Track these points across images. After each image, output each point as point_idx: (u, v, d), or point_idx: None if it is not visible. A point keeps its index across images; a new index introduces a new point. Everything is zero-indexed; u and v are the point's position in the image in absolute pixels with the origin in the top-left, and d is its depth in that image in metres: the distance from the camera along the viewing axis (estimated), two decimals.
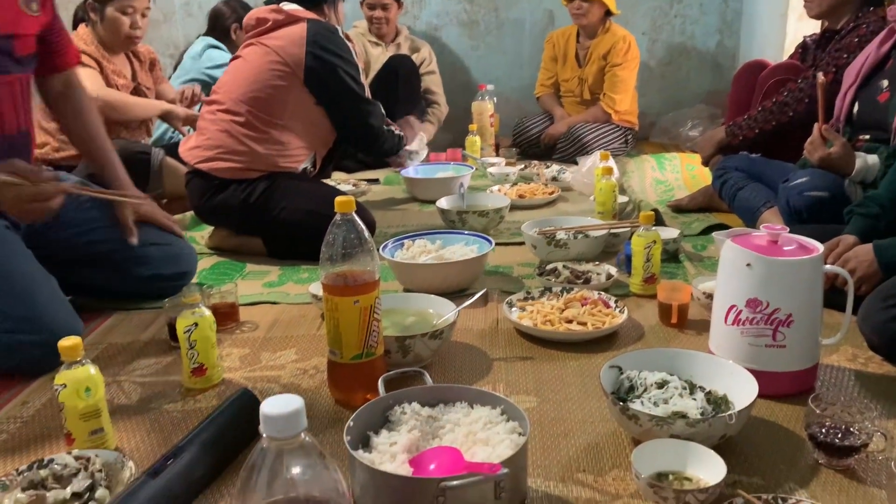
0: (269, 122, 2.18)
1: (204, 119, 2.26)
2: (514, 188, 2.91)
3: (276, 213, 2.17)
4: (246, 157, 2.17)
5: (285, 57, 2.16)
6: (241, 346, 1.61)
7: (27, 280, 1.51)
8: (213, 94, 2.30)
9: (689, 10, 4.05)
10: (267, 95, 2.17)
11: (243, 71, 2.22)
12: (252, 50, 2.23)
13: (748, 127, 2.42)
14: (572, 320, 1.59)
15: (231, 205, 2.17)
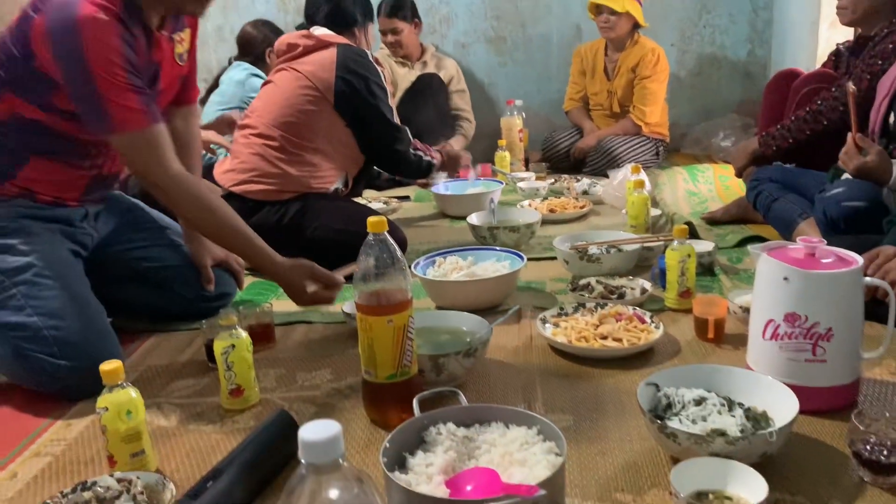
0: (301, 145, 2.22)
1: (238, 143, 2.31)
2: (544, 203, 2.90)
3: (309, 232, 2.20)
4: (279, 179, 2.21)
5: (316, 82, 2.20)
6: (277, 366, 1.63)
7: (77, 308, 1.55)
8: (245, 118, 2.35)
9: (719, 20, 4.02)
10: (298, 119, 2.21)
11: (275, 96, 2.26)
12: (283, 75, 2.28)
13: (781, 137, 2.39)
14: (607, 336, 1.58)
15: (265, 226, 2.19)
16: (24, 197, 1.62)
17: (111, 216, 1.86)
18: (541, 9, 4.04)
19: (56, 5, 1.46)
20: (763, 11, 4.00)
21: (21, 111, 1.56)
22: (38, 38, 1.47)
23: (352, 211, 2.27)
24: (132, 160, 1.59)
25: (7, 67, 1.53)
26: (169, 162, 1.57)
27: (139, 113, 1.51)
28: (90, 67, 1.45)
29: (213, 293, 1.92)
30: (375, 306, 1.26)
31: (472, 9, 4.05)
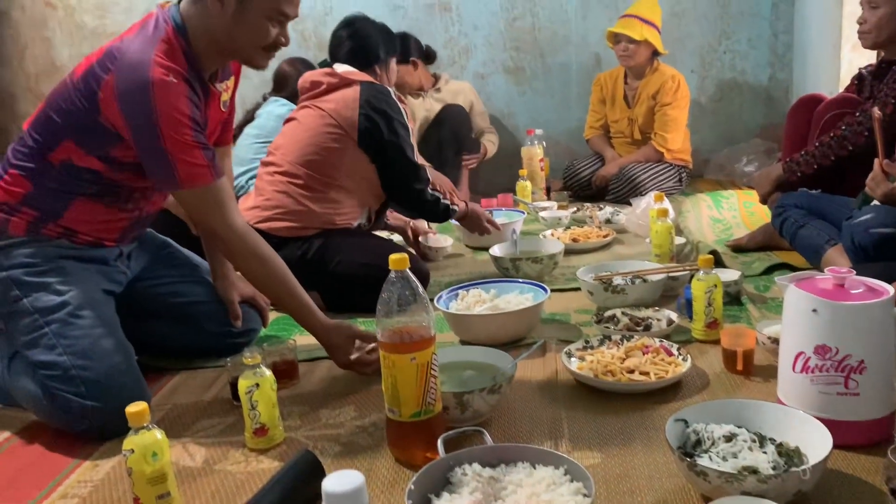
0: (325, 183, 2.25)
1: (262, 179, 2.33)
2: (567, 232, 2.89)
3: (332, 267, 2.21)
4: (303, 216, 2.23)
5: (339, 119, 2.23)
6: (301, 404, 1.63)
7: (107, 348, 1.57)
8: (269, 155, 2.37)
9: (738, 45, 4.02)
10: (322, 157, 2.24)
11: (298, 133, 2.29)
12: (307, 112, 2.31)
13: (806, 163, 2.37)
14: (634, 370, 1.56)
15: (289, 261, 2.20)
16: (65, 237, 1.65)
17: (143, 253, 1.88)
18: (559, 39, 4.06)
19: (127, 66, 1.50)
20: (783, 35, 3.98)
21: (75, 158, 1.60)
22: (107, 96, 1.51)
23: (374, 245, 2.28)
24: (197, 213, 1.65)
25: (69, 116, 1.57)
26: (232, 216, 1.63)
27: (205, 168, 1.56)
28: (160, 128, 1.50)
29: (239, 329, 1.93)
30: (398, 344, 1.26)
31: (490, 40, 4.09)
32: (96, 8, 4.11)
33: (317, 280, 2.24)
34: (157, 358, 1.90)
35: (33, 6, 4.12)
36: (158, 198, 1.80)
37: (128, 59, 1.51)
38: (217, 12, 1.58)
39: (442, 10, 4.04)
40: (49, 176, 1.60)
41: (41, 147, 1.60)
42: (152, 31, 1.55)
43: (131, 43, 1.53)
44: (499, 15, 4.04)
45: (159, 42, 1.53)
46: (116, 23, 4.10)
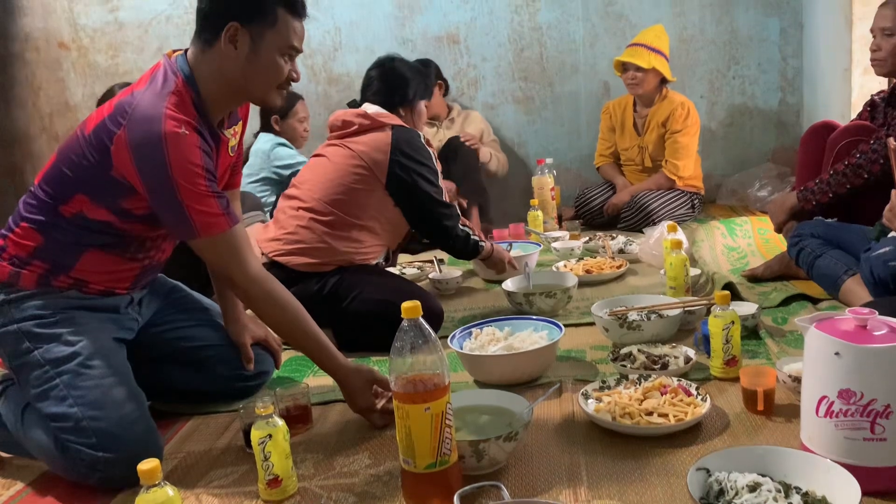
0: (350, 223, 2.26)
1: (284, 213, 2.34)
2: (580, 263, 2.87)
3: (346, 303, 2.20)
4: (323, 253, 2.23)
5: (369, 162, 2.25)
6: (314, 451, 1.60)
7: (118, 398, 1.55)
8: (292, 188, 2.39)
9: (747, 70, 4.01)
10: (349, 198, 2.25)
11: (326, 170, 2.30)
12: (336, 150, 2.32)
13: (821, 191, 2.34)
14: (653, 412, 1.53)
15: (304, 297, 2.19)
16: (76, 288, 1.64)
17: (154, 299, 1.88)
18: (567, 68, 4.07)
19: (139, 120, 1.51)
20: (792, 59, 3.98)
21: (87, 211, 1.60)
22: (120, 150, 1.52)
23: (389, 283, 2.27)
24: (214, 261, 1.64)
25: (81, 170, 1.58)
26: (249, 262, 1.62)
27: (220, 217, 1.56)
28: (174, 179, 1.50)
29: (251, 372, 1.92)
30: (412, 394, 1.24)
31: (499, 71, 4.10)
32: (109, 48, 4.16)
33: (331, 316, 2.23)
34: (169, 403, 1.89)
35: (48, 47, 4.18)
36: (169, 246, 1.80)
37: (139, 113, 1.51)
38: (232, 55, 1.59)
39: (451, 43, 4.06)
40: (60, 229, 1.61)
41: (53, 200, 1.60)
42: (161, 84, 1.56)
43: (142, 97, 1.54)
44: (507, 46, 4.07)
45: (169, 95, 1.54)
46: (128, 62, 4.15)
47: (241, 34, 1.58)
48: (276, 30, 1.61)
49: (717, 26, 3.97)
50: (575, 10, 4.00)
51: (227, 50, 1.58)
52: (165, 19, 4.09)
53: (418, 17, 4.06)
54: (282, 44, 1.62)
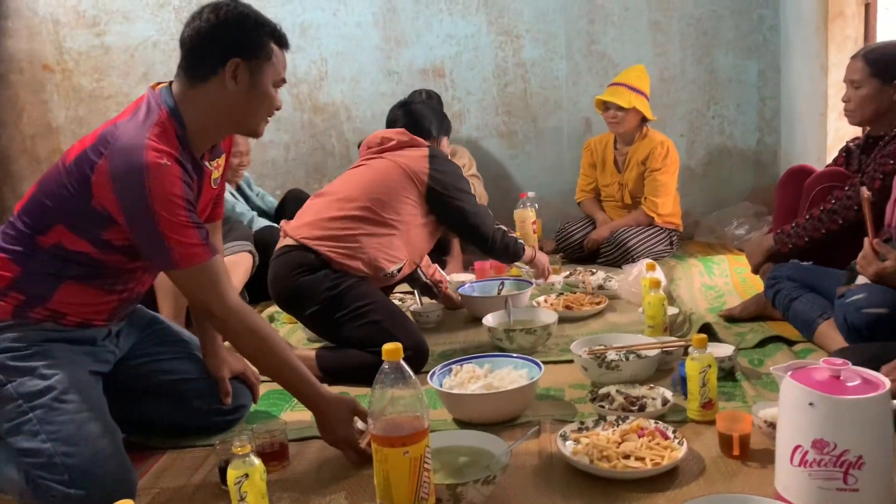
0: (382, 221, 2.36)
1: (315, 206, 2.43)
2: (560, 298, 2.89)
3: (344, 313, 2.23)
4: (353, 246, 2.30)
5: (410, 172, 2.42)
6: (291, 489, 1.59)
7: (93, 432, 1.53)
8: (325, 189, 2.51)
9: (726, 110, 4.09)
10: (387, 199, 2.37)
11: (366, 174, 2.45)
12: (376, 161, 2.47)
13: (797, 235, 2.39)
14: (630, 455, 1.54)
15: (314, 288, 2.25)
16: (52, 320, 1.63)
17: (132, 331, 1.87)
18: (550, 104, 4.13)
19: (121, 150, 1.51)
20: (770, 101, 4.06)
21: (66, 242, 1.59)
22: (100, 180, 1.52)
23: (394, 311, 2.30)
24: (193, 292, 1.63)
25: (61, 201, 1.57)
26: (227, 294, 1.62)
27: (200, 248, 1.56)
28: (154, 210, 1.50)
29: (228, 406, 1.91)
30: (391, 437, 1.24)
31: (483, 105, 4.15)
32: (94, 71, 4.16)
33: (326, 318, 2.27)
34: (144, 436, 1.87)
35: (31, 69, 4.17)
36: (148, 278, 1.79)
37: (121, 144, 1.52)
38: (233, 89, 1.61)
39: (436, 76, 4.11)
40: (38, 260, 1.60)
41: (31, 231, 1.59)
42: (145, 115, 1.57)
43: (125, 127, 1.55)
44: (491, 81, 4.12)
45: (153, 126, 1.55)
46: (113, 86, 4.15)
47: (240, 69, 1.60)
48: (270, 63, 1.65)
49: (697, 67, 4.05)
50: (558, 49, 4.07)
51: (230, 85, 1.60)
52: (152, 45, 4.10)
53: (404, 50, 4.10)
54: (275, 76, 1.67)
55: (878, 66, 2.28)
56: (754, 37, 3.99)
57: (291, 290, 2.30)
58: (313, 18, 4.08)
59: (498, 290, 2.92)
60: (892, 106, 2.29)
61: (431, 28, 4.07)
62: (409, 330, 2.24)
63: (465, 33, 4.08)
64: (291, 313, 2.49)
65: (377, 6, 4.06)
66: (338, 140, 4.23)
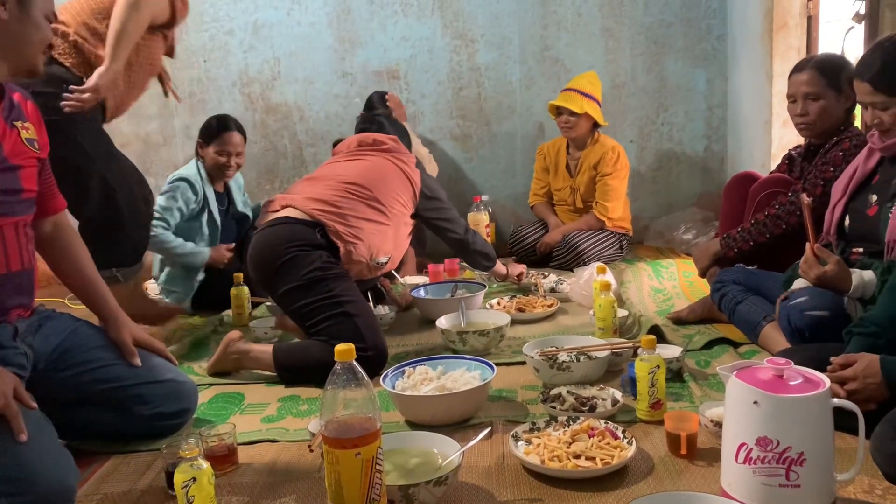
0: (380, 212, 2.46)
1: (310, 186, 2.49)
2: (513, 301, 2.91)
3: (321, 297, 2.22)
4: (357, 230, 2.38)
5: (408, 175, 2.57)
6: (239, 493, 1.56)
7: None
8: (327, 173, 2.56)
9: (675, 117, 4.18)
10: (386, 192, 2.49)
11: (367, 166, 2.55)
12: (375, 157, 2.59)
13: (743, 239, 2.45)
14: (580, 455, 1.55)
15: (304, 265, 2.25)
16: None
17: (50, 335, 1.78)
18: (504, 109, 4.16)
19: None
20: (717, 109, 4.16)
21: None
22: None
23: (369, 319, 2.28)
24: None
25: None
26: None
27: None
28: None
29: (172, 410, 1.86)
30: (343, 439, 1.23)
31: (437, 108, 4.16)
32: None
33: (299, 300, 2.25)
34: (86, 441, 1.81)
35: None
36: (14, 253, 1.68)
37: None
38: (2, 15, 1.60)
39: (391, 78, 4.10)
40: None
41: None
42: None
43: None
44: (446, 84, 4.13)
45: None
46: None
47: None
48: None
49: (647, 74, 4.13)
50: (512, 53, 4.10)
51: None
52: None
53: (359, 51, 4.09)
54: (46, 7, 1.68)
55: (832, 77, 2.32)
56: (703, 46, 4.08)
57: (280, 262, 2.26)
58: (266, 17, 4.04)
59: (451, 293, 2.92)
60: (842, 116, 2.36)
61: (386, 30, 4.07)
62: (376, 332, 2.23)
63: (419, 36, 4.08)
64: (266, 285, 2.40)
65: (331, 6, 4.04)
66: (290, 141, 4.19)
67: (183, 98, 3.97)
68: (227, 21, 3.99)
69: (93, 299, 1.92)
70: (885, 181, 1.96)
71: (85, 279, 1.93)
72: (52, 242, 1.90)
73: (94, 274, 1.94)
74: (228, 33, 4.04)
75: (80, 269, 1.93)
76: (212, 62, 4.08)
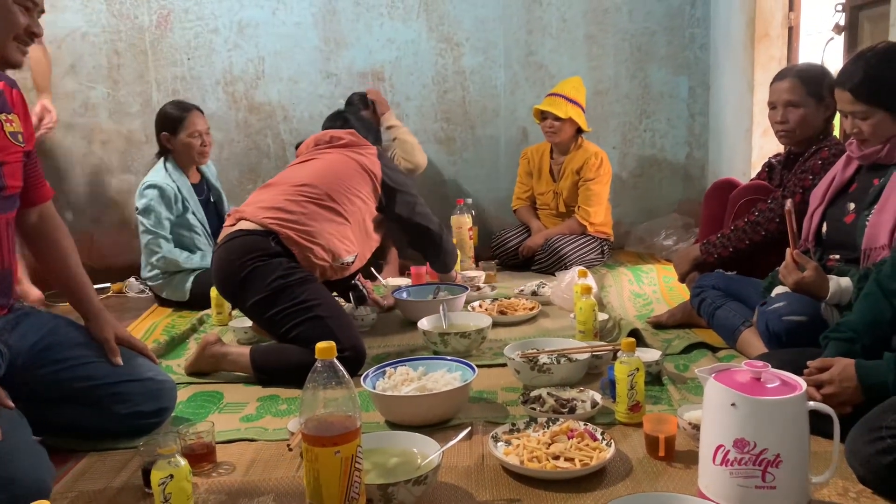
0: (337, 212, 2.42)
1: (266, 194, 2.44)
2: (494, 303, 2.91)
3: (290, 304, 2.21)
4: (313, 232, 2.33)
5: (366, 169, 2.52)
6: (217, 492, 1.55)
7: None
8: (277, 178, 2.53)
9: (658, 124, 4.21)
10: (343, 190, 2.44)
11: (321, 166, 2.50)
12: (330, 155, 2.55)
13: (722, 245, 2.48)
14: (559, 456, 1.56)
15: (266, 276, 2.22)
16: None
17: (28, 332, 1.77)
18: (489, 112, 4.17)
19: None
20: (699, 117, 4.20)
21: None
22: None
23: (342, 318, 2.26)
24: None
25: None
26: None
27: None
28: None
29: (151, 409, 1.84)
30: (323, 436, 1.23)
31: (422, 111, 4.16)
32: None
33: (266, 309, 2.23)
34: (63, 439, 1.79)
35: None
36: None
37: None
38: None
39: (375, 80, 4.10)
40: None
41: None
42: None
43: None
44: (430, 87, 4.13)
45: None
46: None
47: None
48: None
49: (630, 81, 4.16)
50: (497, 58, 4.11)
51: None
52: (81, 36, 3.96)
53: (344, 52, 4.08)
54: None
55: (813, 86, 2.36)
56: (685, 54, 4.12)
57: (241, 277, 2.25)
58: (251, 16, 4.02)
59: (433, 295, 2.92)
60: (822, 125, 2.39)
61: (371, 31, 4.06)
62: (351, 332, 2.23)
63: (405, 38, 4.08)
64: (234, 301, 2.41)
65: (317, 7, 4.03)
66: (273, 140, 4.17)
67: (166, 96, 3.94)
68: (212, 19, 3.97)
69: (77, 296, 1.89)
70: (862, 189, 1.99)
71: (70, 273, 1.89)
72: (37, 233, 1.87)
73: (80, 269, 1.91)
74: (213, 31, 4.01)
75: (66, 261, 1.89)
76: (196, 60, 4.05)
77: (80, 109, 4.05)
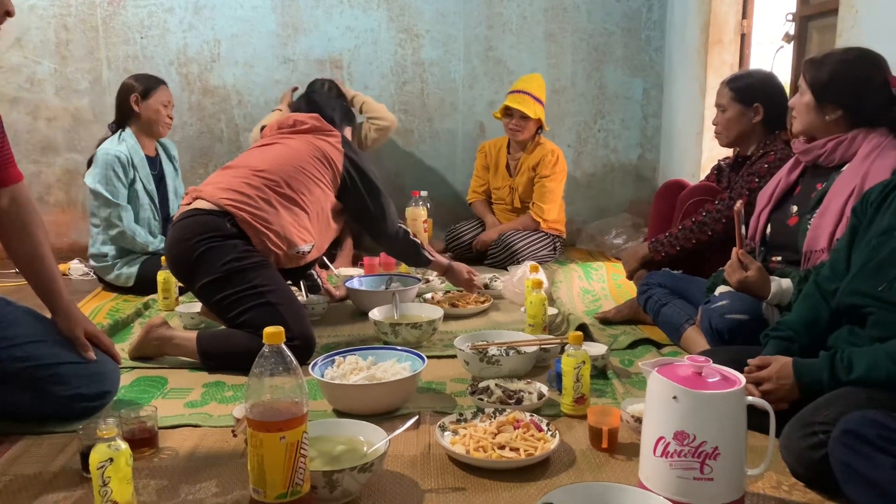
0: (294, 200, 2.37)
1: (225, 176, 2.39)
2: (446, 296, 2.92)
3: (243, 288, 2.18)
4: (269, 218, 2.29)
5: (326, 156, 2.46)
6: (158, 477, 1.53)
7: None
8: (236, 161, 2.49)
9: (612, 125, 4.27)
10: (301, 177, 2.40)
11: (281, 151, 2.45)
12: (291, 140, 2.50)
13: (670, 244, 2.53)
14: (505, 446, 1.58)
15: (219, 257, 2.19)
16: None
17: None
18: (447, 106, 4.17)
19: None
20: (652, 119, 4.27)
21: None
22: None
23: (292, 300, 2.26)
24: None
25: None
26: None
27: None
28: None
29: (92, 392, 1.80)
30: (268, 422, 1.21)
31: (380, 101, 4.09)
32: None
33: (217, 293, 2.20)
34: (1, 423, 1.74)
35: None
36: None
37: None
38: None
39: (333, 67, 4.06)
40: None
41: None
42: None
43: None
44: (389, 77, 4.12)
45: None
46: None
47: None
48: None
49: (587, 81, 4.20)
50: (457, 51, 4.12)
51: None
52: (28, 8, 3.83)
53: (301, 38, 4.04)
54: None
55: (740, 92, 2.49)
56: (641, 56, 4.19)
57: (195, 256, 2.21)
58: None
59: (386, 285, 2.92)
60: (753, 128, 2.48)
61: (331, 18, 4.03)
62: (302, 320, 2.20)
63: (364, 27, 4.06)
64: (185, 280, 2.35)
65: None
66: (227, 125, 4.10)
67: (118, 74, 3.84)
68: None
69: (46, 289, 1.81)
70: (805, 193, 2.06)
71: (40, 264, 1.81)
72: (7, 218, 1.78)
73: (51, 260, 1.83)
74: (168, 11, 3.93)
75: (37, 250, 1.80)
76: (149, 39, 3.96)
77: (26, 84, 3.92)
